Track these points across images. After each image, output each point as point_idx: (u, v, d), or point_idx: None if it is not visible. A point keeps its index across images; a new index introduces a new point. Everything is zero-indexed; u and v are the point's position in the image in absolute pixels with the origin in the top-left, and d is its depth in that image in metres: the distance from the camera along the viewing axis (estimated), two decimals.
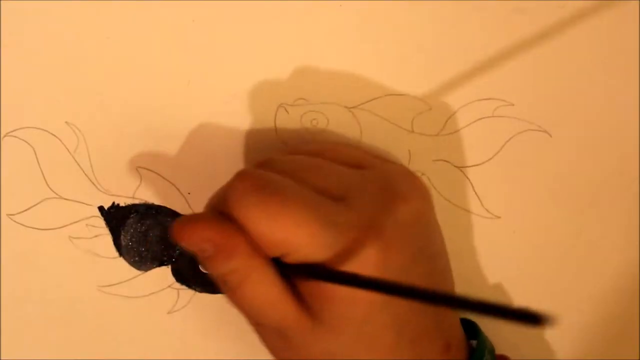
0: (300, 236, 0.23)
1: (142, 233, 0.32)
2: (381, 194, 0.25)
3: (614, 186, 0.31)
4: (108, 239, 0.32)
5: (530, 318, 0.17)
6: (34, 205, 0.32)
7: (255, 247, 0.23)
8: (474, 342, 0.29)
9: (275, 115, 0.31)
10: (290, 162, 0.26)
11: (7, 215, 0.32)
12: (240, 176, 0.24)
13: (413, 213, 0.26)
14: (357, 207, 0.24)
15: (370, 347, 0.25)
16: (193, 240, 0.24)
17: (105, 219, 0.32)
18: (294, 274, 0.24)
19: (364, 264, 0.23)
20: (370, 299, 0.24)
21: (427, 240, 0.27)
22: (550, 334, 0.33)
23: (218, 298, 0.33)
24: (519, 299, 0.33)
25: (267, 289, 0.24)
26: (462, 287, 0.32)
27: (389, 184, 0.26)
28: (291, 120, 0.31)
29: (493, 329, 0.31)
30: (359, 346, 0.25)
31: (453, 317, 0.28)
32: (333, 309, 0.24)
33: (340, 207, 0.24)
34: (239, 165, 0.31)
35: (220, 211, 0.24)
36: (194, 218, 0.25)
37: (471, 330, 0.30)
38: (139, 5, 0.29)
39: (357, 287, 0.22)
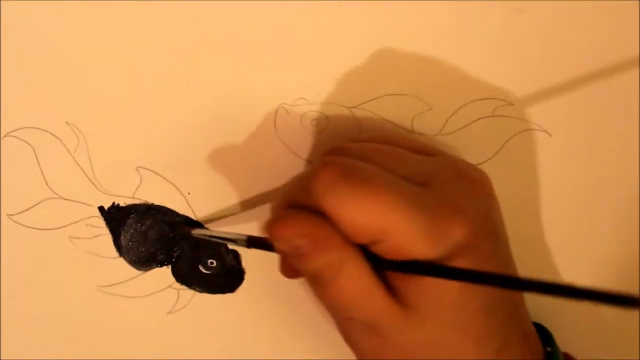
0: (394, 221, 0.22)
1: (142, 233, 0.32)
2: (458, 179, 0.25)
3: (613, 186, 0.31)
4: (108, 239, 0.32)
5: (625, 301, 0.17)
6: (34, 206, 0.32)
7: (346, 238, 0.23)
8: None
9: (275, 115, 0.31)
10: (366, 149, 0.26)
11: (7, 215, 0.32)
12: (325, 165, 0.24)
13: (490, 198, 0.26)
14: (441, 191, 0.24)
15: (464, 332, 0.25)
16: (289, 238, 0.23)
17: (105, 219, 0.32)
18: (384, 268, 0.24)
19: (456, 245, 0.23)
20: (461, 284, 0.24)
21: (502, 225, 0.27)
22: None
23: (218, 298, 0.33)
24: None
25: (362, 279, 0.24)
26: None
27: (462, 170, 0.26)
28: (291, 120, 0.31)
29: None
30: (454, 332, 0.25)
31: (525, 309, 0.28)
32: (426, 296, 0.24)
33: (426, 191, 0.24)
34: (238, 165, 0.31)
35: (301, 203, 0.24)
36: (286, 215, 0.24)
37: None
38: (139, 5, 0.29)
39: (451, 279, 0.23)
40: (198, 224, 0.32)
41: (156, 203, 0.32)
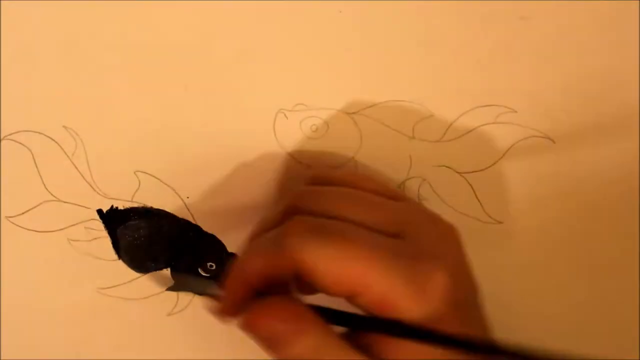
0: (371, 270, 0.22)
1: (141, 236, 0.32)
2: (433, 226, 0.25)
3: (615, 192, 0.31)
4: (107, 241, 0.32)
5: None
6: (33, 208, 0.32)
7: (322, 320, 0.23)
8: None
9: (274, 120, 0.30)
10: (339, 195, 0.25)
11: (6, 217, 0.32)
12: (295, 220, 0.23)
13: (461, 246, 0.26)
14: (416, 239, 0.24)
15: None
16: (268, 326, 0.23)
17: (103, 222, 0.32)
18: (361, 328, 0.24)
19: (435, 293, 0.23)
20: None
21: (473, 273, 0.26)
22: (550, 333, 0.33)
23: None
24: (519, 303, 0.33)
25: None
26: None
27: (435, 217, 0.26)
28: (290, 126, 0.30)
29: None
30: None
31: None
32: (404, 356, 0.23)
33: (400, 241, 0.24)
34: (237, 169, 0.31)
35: (271, 263, 0.24)
36: (263, 305, 0.23)
37: None
38: (137, 10, 0.29)
39: (429, 343, 0.22)
40: (198, 228, 0.32)
41: (155, 206, 0.32)
